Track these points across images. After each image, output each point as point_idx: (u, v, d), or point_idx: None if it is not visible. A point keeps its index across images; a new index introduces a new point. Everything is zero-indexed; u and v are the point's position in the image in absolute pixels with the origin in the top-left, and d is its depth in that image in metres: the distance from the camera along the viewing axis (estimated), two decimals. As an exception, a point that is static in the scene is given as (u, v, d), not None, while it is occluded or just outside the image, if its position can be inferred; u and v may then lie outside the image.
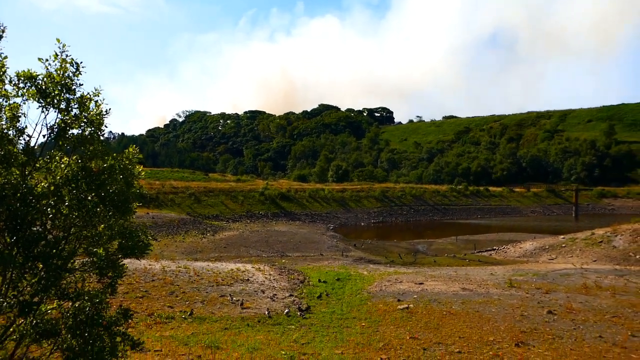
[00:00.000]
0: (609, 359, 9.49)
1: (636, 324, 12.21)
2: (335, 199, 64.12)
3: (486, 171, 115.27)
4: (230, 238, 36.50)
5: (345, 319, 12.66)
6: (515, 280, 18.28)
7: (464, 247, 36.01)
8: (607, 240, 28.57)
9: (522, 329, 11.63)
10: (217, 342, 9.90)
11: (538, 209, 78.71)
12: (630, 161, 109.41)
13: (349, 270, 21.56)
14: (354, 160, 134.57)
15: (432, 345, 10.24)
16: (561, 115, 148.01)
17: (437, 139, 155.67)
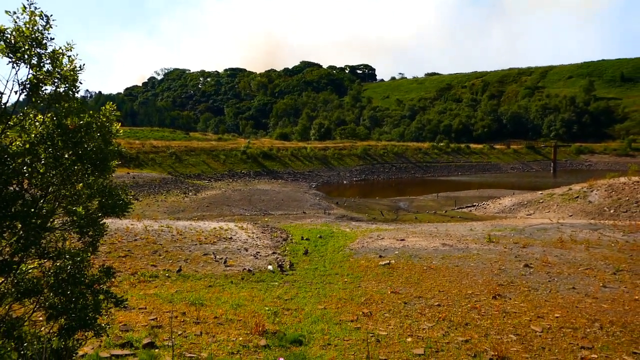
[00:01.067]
0: (581, 309, 9.87)
1: (608, 275, 12.67)
2: (318, 157, 64.11)
3: (467, 128, 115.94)
4: (213, 197, 36.45)
5: (327, 275, 12.89)
6: (494, 236, 18.71)
7: (444, 203, 36.57)
8: (583, 196, 29.25)
9: (500, 282, 11.98)
10: (201, 299, 10.02)
11: (517, 165, 79.89)
12: (608, 117, 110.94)
13: (332, 228, 21.81)
14: (336, 118, 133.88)
15: (412, 299, 10.51)
16: (542, 71, 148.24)
17: (419, 96, 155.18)
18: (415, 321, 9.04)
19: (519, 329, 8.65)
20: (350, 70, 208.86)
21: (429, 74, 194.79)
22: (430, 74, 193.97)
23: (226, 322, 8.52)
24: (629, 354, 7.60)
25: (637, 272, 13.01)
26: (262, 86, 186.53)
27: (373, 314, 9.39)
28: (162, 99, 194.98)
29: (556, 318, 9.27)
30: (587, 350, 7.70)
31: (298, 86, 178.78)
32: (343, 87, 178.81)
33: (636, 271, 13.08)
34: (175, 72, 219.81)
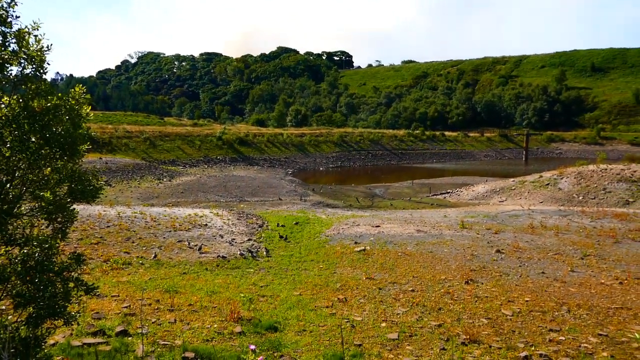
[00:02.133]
0: (550, 293, 10.13)
1: (576, 260, 13.02)
2: (294, 143, 63.91)
3: (442, 116, 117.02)
4: (188, 183, 36.06)
5: (303, 262, 12.92)
6: (467, 222, 19.00)
7: (419, 190, 36.94)
8: (554, 183, 29.90)
9: (472, 267, 12.20)
10: (176, 286, 9.93)
11: (491, 153, 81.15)
12: (578, 107, 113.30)
13: (308, 214, 21.83)
14: (312, 105, 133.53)
15: (387, 285, 10.62)
16: (516, 61, 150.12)
17: (395, 84, 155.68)
18: (390, 306, 9.14)
19: (490, 313, 8.84)
20: (328, 57, 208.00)
21: (405, 61, 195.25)
22: (407, 61, 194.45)
23: (201, 309, 8.48)
24: (594, 335, 7.84)
25: (603, 256, 13.41)
26: (238, 71, 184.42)
27: (348, 300, 9.47)
28: (136, 82, 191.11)
29: (526, 302, 9.50)
30: (555, 333, 7.92)
31: (275, 72, 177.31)
32: (320, 74, 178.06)
33: (602, 256, 13.48)
34: (149, 56, 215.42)
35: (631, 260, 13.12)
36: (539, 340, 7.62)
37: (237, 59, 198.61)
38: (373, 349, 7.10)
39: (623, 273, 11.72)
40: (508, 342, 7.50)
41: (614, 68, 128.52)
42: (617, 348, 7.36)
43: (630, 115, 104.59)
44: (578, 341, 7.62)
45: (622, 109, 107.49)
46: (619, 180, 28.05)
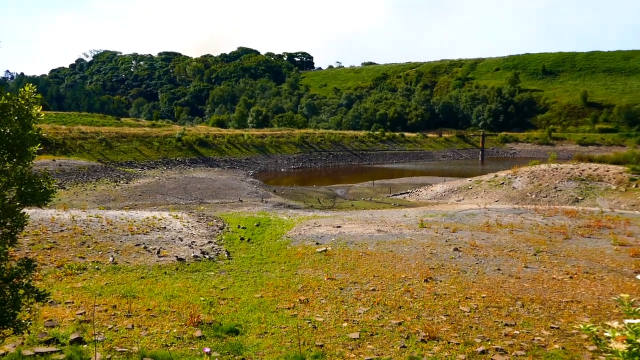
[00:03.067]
0: (505, 289, 10.45)
1: (529, 256, 13.47)
2: (255, 144, 63.53)
3: (402, 117, 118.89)
4: (146, 185, 35.28)
5: (264, 264, 12.85)
6: (426, 221, 19.36)
7: (380, 190, 37.39)
8: (508, 182, 30.84)
9: (431, 265, 12.44)
10: (133, 291, 9.70)
11: (449, 153, 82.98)
12: (531, 108, 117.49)
13: (269, 216, 21.74)
14: (274, 106, 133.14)
15: (348, 285, 10.70)
16: (472, 63, 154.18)
17: (356, 85, 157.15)
18: (351, 306, 9.22)
19: (448, 310, 9.03)
20: (289, 58, 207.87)
21: (365, 63, 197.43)
22: (367, 63, 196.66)
23: (159, 314, 8.31)
24: (547, 329, 8.13)
25: (555, 252, 13.93)
26: (198, 71, 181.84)
27: (310, 301, 9.48)
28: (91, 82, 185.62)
29: (483, 298, 9.76)
30: (510, 327, 8.17)
31: (235, 72, 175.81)
32: (281, 75, 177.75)
33: (554, 252, 14.00)
34: (105, 55, 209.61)
35: (580, 255, 13.69)
36: (495, 335, 7.84)
37: (197, 59, 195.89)
38: (335, 349, 7.14)
39: (573, 268, 12.21)
40: (466, 338, 7.69)
41: (564, 71, 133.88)
42: (567, 340, 7.66)
43: (578, 117, 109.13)
44: (532, 334, 7.89)
45: (571, 110, 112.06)
46: (568, 179, 29.20)
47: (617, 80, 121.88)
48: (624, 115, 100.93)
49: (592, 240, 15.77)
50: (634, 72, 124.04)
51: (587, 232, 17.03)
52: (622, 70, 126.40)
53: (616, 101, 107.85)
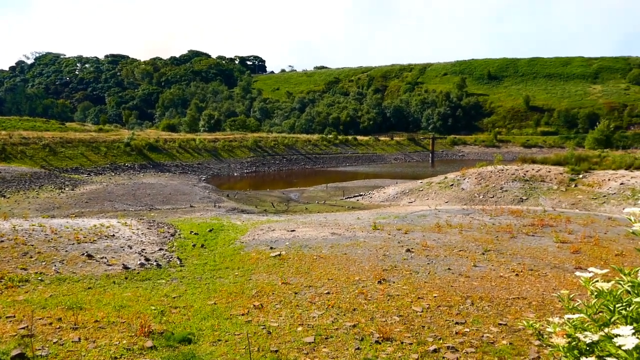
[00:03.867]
0: (455, 288, 10.74)
1: (478, 255, 13.91)
2: (207, 149, 62.60)
3: (354, 121, 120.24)
4: (93, 192, 34.07)
5: (218, 270, 12.67)
6: (379, 223, 19.64)
7: (333, 194, 37.63)
8: (457, 184, 31.73)
9: (384, 267, 12.62)
10: (80, 302, 9.34)
11: (400, 156, 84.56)
12: (477, 112, 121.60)
13: (222, 221, 21.46)
14: (226, 110, 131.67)
15: (303, 289, 10.70)
16: (421, 68, 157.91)
17: (308, 89, 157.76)
18: (306, 310, 9.22)
19: (401, 310, 9.19)
20: (240, 61, 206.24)
21: (318, 67, 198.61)
22: (319, 67, 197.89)
23: (108, 325, 8.04)
24: (495, 325, 8.41)
25: (501, 251, 14.44)
26: (147, 74, 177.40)
27: (264, 306, 9.42)
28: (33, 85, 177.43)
29: (434, 298, 9.99)
30: (460, 325, 8.40)
31: (186, 76, 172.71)
32: (233, 78, 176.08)
33: (501, 250, 14.51)
34: (48, 57, 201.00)
35: (525, 253, 14.25)
36: (447, 334, 8.04)
37: (146, 62, 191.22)
38: (289, 354, 7.12)
39: (519, 265, 12.69)
40: (418, 337, 7.84)
41: (507, 76, 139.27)
42: (515, 335, 7.95)
43: (522, 120, 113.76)
44: (481, 332, 8.14)
45: (515, 114, 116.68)
46: (514, 180, 30.36)
47: (557, 85, 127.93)
48: (563, 118, 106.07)
49: (536, 239, 16.45)
50: (572, 77, 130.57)
51: (531, 231, 17.75)
52: (561, 76, 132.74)
53: (556, 105, 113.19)
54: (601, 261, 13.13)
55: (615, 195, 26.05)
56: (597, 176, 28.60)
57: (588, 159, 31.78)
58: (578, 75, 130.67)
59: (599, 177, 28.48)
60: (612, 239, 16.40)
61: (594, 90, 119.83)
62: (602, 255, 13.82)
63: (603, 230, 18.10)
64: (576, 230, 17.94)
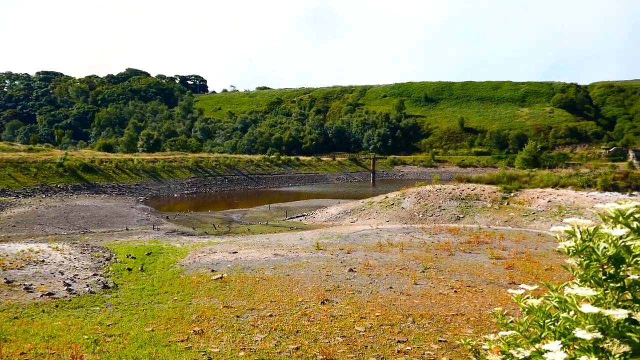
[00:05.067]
0: (397, 306, 10.90)
1: (418, 273, 14.22)
2: (146, 169, 60.76)
3: (297, 141, 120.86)
4: (21, 215, 32.13)
5: (156, 295, 12.23)
6: (322, 243, 19.70)
7: (276, 214, 37.44)
8: (398, 203, 32.45)
9: (327, 287, 12.63)
10: (4, 333, 8.71)
11: (342, 176, 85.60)
12: (416, 132, 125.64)
13: (161, 244, 20.80)
14: (166, 129, 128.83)
15: (245, 312, 10.51)
16: (362, 90, 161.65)
17: (250, 109, 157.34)
18: (248, 334, 9.05)
19: (344, 331, 9.21)
20: (181, 81, 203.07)
21: (260, 87, 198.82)
22: (262, 88, 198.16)
23: (36, 357, 7.54)
24: (436, 342, 8.59)
25: (440, 268, 14.84)
26: (82, 93, 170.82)
27: (205, 331, 9.16)
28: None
29: (377, 317, 10.09)
30: (402, 344, 8.52)
31: (124, 94, 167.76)
32: (173, 98, 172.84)
33: (440, 268, 14.92)
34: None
35: (463, 270, 14.72)
36: (389, 352, 8.12)
37: (81, 80, 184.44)
38: (231, 379, 6.94)
39: (457, 282, 13.08)
40: (361, 357, 7.87)
41: (443, 99, 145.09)
42: (454, 352, 8.15)
43: (457, 141, 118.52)
44: (422, 349, 8.28)
45: (450, 135, 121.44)
46: (451, 199, 31.42)
47: (489, 107, 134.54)
48: (495, 139, 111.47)
49: (472, 255, 17.04)
50: (502, 100, 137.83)
51: (468, 248, 18.38)
52: (492, 99, 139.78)
53: (488, 127, 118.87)
54: (532, 276, 13.77)
55: (544, 212, 27.51)
56: (527, 194, 30.12)
57: (518, 178, 33.46)
58: (507, 98, 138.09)
59: (528, 195, 30.00)
60: (542, 254, 17.27)
61: (522, 113, 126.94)
62: (533, 271, 14.50)
63: (534, 246, 19.04)
64: (509, 246, 18.76)
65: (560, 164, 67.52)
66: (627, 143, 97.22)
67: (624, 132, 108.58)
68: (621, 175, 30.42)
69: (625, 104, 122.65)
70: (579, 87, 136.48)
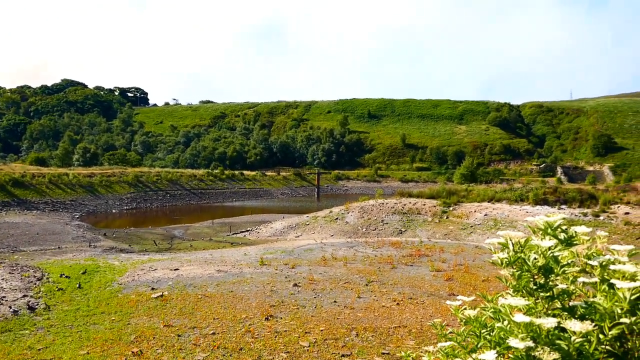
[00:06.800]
0: (341, 320, 10.95)
1: (362, 287, 14.36)
2: (82, 184, 58.21)
3: (241, 156, 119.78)
4: (-60, 234, 29.86)
5: (92, 315, 11.67)
6: (266, 259, 19.53)
7: (220, 229, 36.81)
8: (342, 217, 32.76)
9: (272, 303, 12.51)
10: None
11: (287, 191, 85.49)
12: (359, 148, 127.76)
13: (98, 262, 19.92)
14: (104, 143, 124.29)
15: (187, 331, 10.22)
16: (306, 105, 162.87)
17: (194, 123, 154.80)
18: (190, 353, 8.80)
19: (289, 346, 9.13)
20: (121, 93, 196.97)
21: (203, 101, 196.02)
22: (205, 101, 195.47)
23: (-45, 387, 6.99)
24: (379, 355, 8.68)
25: (383, 282, 15.06)
26: (12, 103, 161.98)
27: (144, 352, 8.82)
28: None
29: (321, 331, 10.08)
30: (346, 357, 8.55)
31: (59, 106, 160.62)
32: (112, 110, 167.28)
33: (383, 281, 15.14)
34: None
35: (405, 283, 15.01)
36: (333, 367, 8.12)
37: (12, 90, 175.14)
38: (172, 402, 6.71)
39: (399, 295, 13.31)
40: (306, 373, 7.82)
41: (385, 115, 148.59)
42: (396, 363, 8.26)
43: (399, 156, 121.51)
44: (365, 362, 8.34)
45: (393, 150, 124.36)
46: (393, 213, 32.07)
47: (429, 125, 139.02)
48: (435, 155, 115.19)
49: (414, 268, 17.42)
50: (441, 118, 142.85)
51: (409, 261, 18.78)
52: (432, 117, 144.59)
53: (428, 143, 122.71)
54: (471, 287, 14.24)
55: (481, 225, 28.60)
56: (465, 208, 31.24)
57: (457, 193, 34.66)
58: (446, 116, 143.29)
59: (466, 209, 31.12)
60: (479, 266, 17.91)
61: (460, 130, 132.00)
62: (472, 282, 15.00)
63: (472, 258, 19.71)
64: (449, 259, 19.32)
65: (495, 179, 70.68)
66: (555, 160, 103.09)
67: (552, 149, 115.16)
68: (551, 190, 32.16)
69: (553, 123, 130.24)
70: (512, 106, 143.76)
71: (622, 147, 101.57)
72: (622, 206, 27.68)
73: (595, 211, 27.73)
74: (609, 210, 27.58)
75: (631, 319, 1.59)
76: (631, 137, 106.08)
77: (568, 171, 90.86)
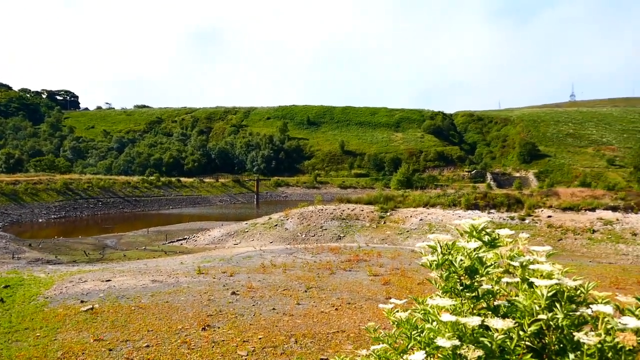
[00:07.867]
0: (280, 327, 10.89)
1: (301, 293, 14.36)
2: (5, 192, 54.64)
3: (178, 162, 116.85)
4: None
5: (15, 332, 10.94)
6: (204, 267, 19.12)
7: (155, 238, 35.68)
8: (281, 224, 32.67)
9: (209, 312, 12.25)
10: None
11: (225, 197, 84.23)
12: (299, 154, 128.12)
13: (22, 275, 18.73)
14: (30, 148, 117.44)
15: (119, 344, 9.81)
16: (246, 111, 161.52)
17: (128, 128, 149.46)
18: (122, 367, 8.43)
19: (226, 356, 8.97)
20: (49, 96, 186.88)
21: (138, 106, 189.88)
22: (140, 106, 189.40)
23: None
24: (317, 361, 8.70)
25: (322, 287, 15.14)
26: None
27: (72, 369, 8.37)
28: None
29: (259, 339, 9.98)
30: (285, 365, 8.50)
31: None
32: (39, 114, 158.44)
33: (322, 287, 15.21)
34: None
35: (343, 288, 15.16)
36: (272, 375, 8.05)
37: None
38: (102, 419, 6.40)
39: (338, 300, 13.42)
40: (244, 383, 7.70)
41: (325, 122, 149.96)
42: (335, 369, 8.30)
43: (338, 163, 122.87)
44: (304, 369, 8.34)
45: (332, 157, 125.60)
46: (332, 219, 32.36)
47: (367, 132, 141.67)
48: (372, 162, 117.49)
49: (352, 273, 17.64)
50: (379, 125, 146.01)
51: (348, 266, 18.99)
52: (370, 124, 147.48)
53: (367, 150, 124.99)
54: (407, 290, 14.59)
55: (416, 230, 29.42)
56: (402, 213, 32.03)
57: (394, 198, 35.50)
58: (383, 124, 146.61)
59: (403, 214, 31.92)
60: (415, 269, 18.39)
61: (396, 137, 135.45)
62: (408, 285, 15.38)
63: (408, 262, 20.22)
64: (386, 263, 19.72)
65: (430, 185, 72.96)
66: (485, 166, 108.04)
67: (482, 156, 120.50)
68: (481, 195, 33.63)
69: (483, 132, 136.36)
70: (445, 115, 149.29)
71: (545, 154, 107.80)
72: (546, 210, 29.40)
73: (522, 215, 29.26)
74: (533, 213, 29.20)
75: (548, 315, 1.69)
76: (552, 145, 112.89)
77: (497, 177, 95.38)
